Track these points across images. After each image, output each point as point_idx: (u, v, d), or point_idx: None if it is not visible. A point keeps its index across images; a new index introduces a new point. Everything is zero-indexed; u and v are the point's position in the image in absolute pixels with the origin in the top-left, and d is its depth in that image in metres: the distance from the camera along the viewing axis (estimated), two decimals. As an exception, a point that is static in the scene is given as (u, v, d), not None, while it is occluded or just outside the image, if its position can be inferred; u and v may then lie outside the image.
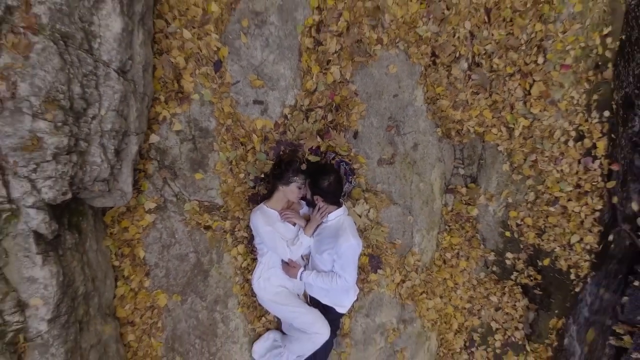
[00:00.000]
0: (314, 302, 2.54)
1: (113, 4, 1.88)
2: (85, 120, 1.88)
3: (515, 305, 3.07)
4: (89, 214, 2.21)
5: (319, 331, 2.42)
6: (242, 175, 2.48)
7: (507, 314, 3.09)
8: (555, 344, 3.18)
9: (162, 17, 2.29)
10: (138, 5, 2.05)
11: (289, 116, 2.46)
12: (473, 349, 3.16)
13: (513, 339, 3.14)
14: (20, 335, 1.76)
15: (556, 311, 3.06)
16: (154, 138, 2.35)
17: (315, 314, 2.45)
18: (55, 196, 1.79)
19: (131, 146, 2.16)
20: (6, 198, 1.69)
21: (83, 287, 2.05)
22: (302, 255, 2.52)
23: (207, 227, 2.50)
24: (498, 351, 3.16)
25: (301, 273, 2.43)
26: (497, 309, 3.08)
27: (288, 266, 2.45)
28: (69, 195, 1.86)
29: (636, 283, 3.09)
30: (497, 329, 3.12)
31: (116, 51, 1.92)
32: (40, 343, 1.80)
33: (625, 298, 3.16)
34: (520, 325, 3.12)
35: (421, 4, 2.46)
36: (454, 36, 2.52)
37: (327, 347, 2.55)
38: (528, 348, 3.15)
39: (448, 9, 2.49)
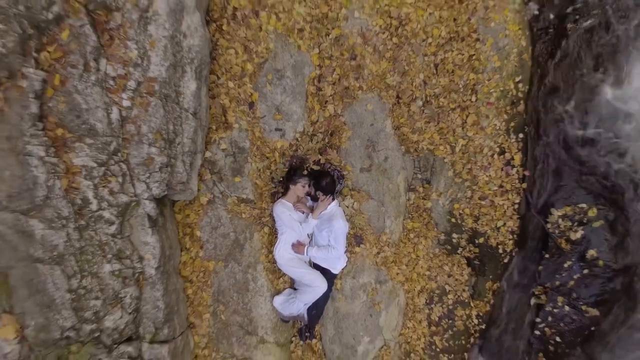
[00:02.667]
0: (315, 266, 3.64)
1: (191, 73, 2.99)
2: (174, 145, 2.98)
3: (462, 273, 4.18)
4: (168, 205, 3.32)
5: (320, 285, 3.52)
6: (267, 179, 3.60)
7: (456, 279, 4.21)
8: (492, 301, 4.31)
9: (214, 74, 3.39)
10: (205, 70, 3.16)
11: (299, 139, 3.57)
12: (432, 305, 4.28)
13: (461, 298, 4.26)
14: (140, 276, 2.87)
15: (490, 277, 4.18)
16: (208, 154, 3.46)
17: (317, 273, 3.56)
18: (159, 193, 2.91)
19: (197, 160, 3.27)
20: (134, 194, 2.81)
21: (168, 251, 3.16)
22: (308, 234, 3.63)
23: (243, 215, 3.61)
24: (450, 307, 4.28)
25: (306, 249, 3.53)
26: (449, 276, 4.19)
27: (297, 246, 3.54)
28: (165, 192, 2.97)
29: (547, 255, 4.22)
30: (449, 291, 4.24)
31: (192, 102, 3.03)
32: (151, 282, 2.91)
33: (540, 267, 4.30)
34: (466, 288, 4.24)
35: (389, 62, 3.58)
36: (412, 84, 3.64)
37: (325, 297, 3.66)
38: (472, 304, 4.27)
39: (407, 66, 3.61)
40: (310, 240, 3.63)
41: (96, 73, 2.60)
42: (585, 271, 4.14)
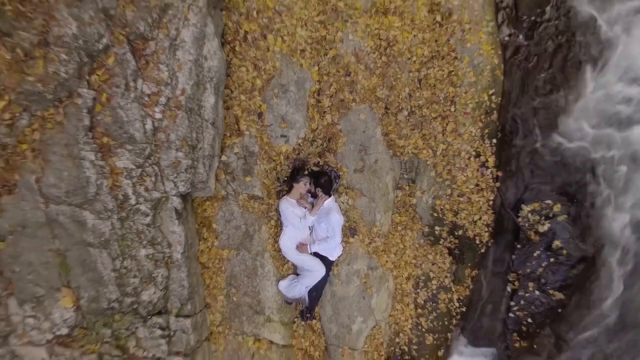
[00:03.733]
0: (315, 254, 4.19)
1: (210, 89, 3.55)
2: (197, 150, 3.53)
3: (444, 261, 4.73)
4: (189, 200, 3.87)
5: (319, 270, 4.08)
6: (273, 179, 4.15)
7: (439, 267, 4.76)
8: (471, 286, 4.87)
9: (228, 88, 3.94)
10: (221, 86, 3.72)
11: (301, 144, 4.13)
12: (418, 290, 4.83)
13: (444, 283, 4.81)
14: (169, 259, 3.42)
15: (469, 264, 4.73)
16: (223, 157, 4.01)
17: (317, 260, 4.10)
18: (185, 190, 3.46)
19: (215, 163, 3.82)
20: (164, 191, 3.36)
21: (190, 239, 3.71)
22: (309, 227, 4.16)
23: (252, 209, 4.16)
24: (434, 291, 4.83)
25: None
26: (432, 264, 4.74)
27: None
28: (189, 190, 3.53)
29: (519, 246, 4.78)
30: (433, 277, 4.79)
31: (211, 113, 3.58)
32: (177, 264, 3.46)
33: (513, 256, 4.85)
34: (448, 274, 4.79)
35: (378, 78, 4.13)
36: (398, 96, 4.19)
37: (324, 281, 4.22)
38: (453, 289, 4.82)
39: (395, 81, 4.16)
40: (311, 232, 4.18)
41: (134, 91, 3.16)
42: (552, 259, 4.70)
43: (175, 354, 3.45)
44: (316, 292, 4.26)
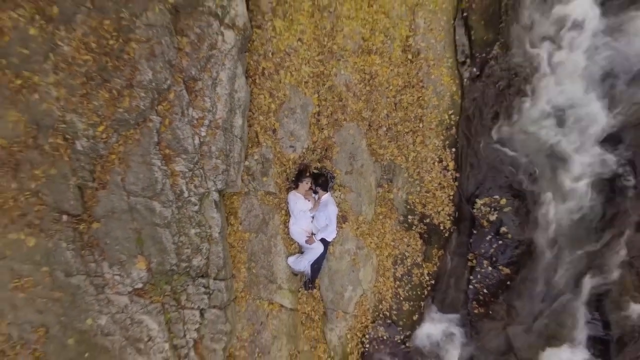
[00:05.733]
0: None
1: (239, 114, 4.79)
2: (229, 158, 4.76)
3: (416, 243, 5.97)
4: (220, 194, 5.11)
5: (319, 248, 5.31)
6: (284, 179, 5.40)
7: (412, 248, 6.00)
8: (438, 264, 6.11)
9: (250, 110, 5.18)
10: (246, 110, 4.96)
11: (305, 152, 5.37)
12: (396, 266, 6.07)
13: (416, 261, 6.04)
14: (210, 237, 4.65)
15: (436, 246, 5.98)
16: (246, 163, 5.24)
17: (317, 241, 5.36)
18: (221, 187, 4.70)
19: (241, 167, 5.05)
20: (207, 188, 4.60)
21: (223, 223, 4.95)
22: (311, 216, 5.39)
23: (268, 202, 5.39)
24: (409, 267, 6.07)
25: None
26: (407, 245, 5.98)
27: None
28: (224, 187, 4.77)
29: (475, 232, 6.03)
30: (408, 256, 6.03)
31: (239, 131, 4.82)
32: (215, 241, 4.68)
33: (471, 240, 6.10)
34: (420, 254, 6.03)
35: (363, 103, 5.38)
36: (379, 116, 5.43)
37: (322, 256, 5.45)
38: (424, 266, 6.06)
39: (376, 105, 5.41)
40: (312, 220, 5.42)
41: (187, 117, 4.40)
42: (500, 242, 5.94)
43: (213, 307, 4.69)
44: (317, 265, 5.51)
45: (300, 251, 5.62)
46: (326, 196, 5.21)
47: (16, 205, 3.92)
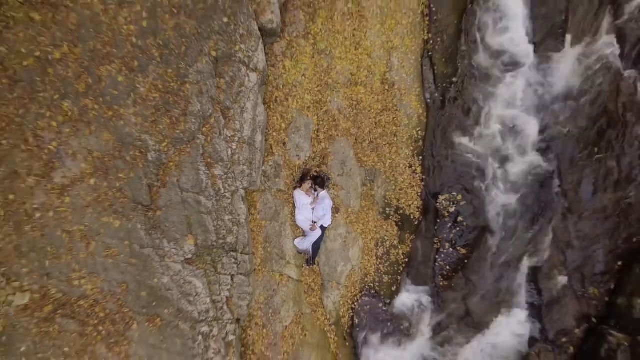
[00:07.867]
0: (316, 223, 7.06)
1: (259, 132, 6.42)
2: (252, 165, 6.39)
3: (393, 229, 7.59)
4: (245, 191, 6.73)
5: (318, 232, 6.93)
6: (291, 180, 7.03)
7: (390, 233, 7.62)
8: (410, 245, 7.75)
9: (267, 129, 6.81)
10: (264, 129, 6.59)
11: (307, 160, 7.00)
12: (378, 247, 7.69)
13: (393, 243, 7.66)
14: (238, 222, 6.28)
15: (408, 231, 7.62)
16: (263, 168, 6.87)
17: (317, 227, 6.99)
18: (247, 186, 6.33)
19: (260, 171, 6.68)
20: (236, 187, 6.24)
21: (247, 213, 6.57)
22: (312, 208, 7.02)
23: (279, 198, 7.01)
24: (388, 248, 7.71)
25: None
26: (386, 231, 7.60)
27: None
28: (248, 186, 6.40)
29: (439, 220, 7.66)
30: (386, 239, 7.66)
31: (259, 144, 6.44)
32: (242, 225, 6.33)
33: (436, 227, 7.74)
34: (396, 238, 7.66)
35: (351, 122, 7.01)
36: (363, 133, 7.07)
37: (321, 239, 7.07)
38: (399, 247, 7.69)
39: (361, 124, 7.04)
40: (312, 211, 7.05)
41: (223, 135, 6.03)
42: (458, 228, 7.59)
43: (240, 273, 6.31)
44: (317, 245, 7.15)
45: (304, 235, 7.26)
46: (323, 193, 6.84)
47: (107, 198, 5.55)
